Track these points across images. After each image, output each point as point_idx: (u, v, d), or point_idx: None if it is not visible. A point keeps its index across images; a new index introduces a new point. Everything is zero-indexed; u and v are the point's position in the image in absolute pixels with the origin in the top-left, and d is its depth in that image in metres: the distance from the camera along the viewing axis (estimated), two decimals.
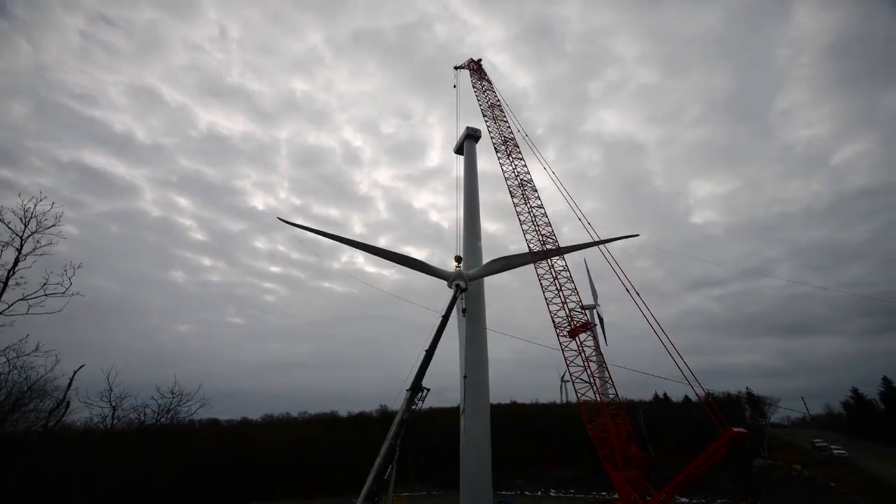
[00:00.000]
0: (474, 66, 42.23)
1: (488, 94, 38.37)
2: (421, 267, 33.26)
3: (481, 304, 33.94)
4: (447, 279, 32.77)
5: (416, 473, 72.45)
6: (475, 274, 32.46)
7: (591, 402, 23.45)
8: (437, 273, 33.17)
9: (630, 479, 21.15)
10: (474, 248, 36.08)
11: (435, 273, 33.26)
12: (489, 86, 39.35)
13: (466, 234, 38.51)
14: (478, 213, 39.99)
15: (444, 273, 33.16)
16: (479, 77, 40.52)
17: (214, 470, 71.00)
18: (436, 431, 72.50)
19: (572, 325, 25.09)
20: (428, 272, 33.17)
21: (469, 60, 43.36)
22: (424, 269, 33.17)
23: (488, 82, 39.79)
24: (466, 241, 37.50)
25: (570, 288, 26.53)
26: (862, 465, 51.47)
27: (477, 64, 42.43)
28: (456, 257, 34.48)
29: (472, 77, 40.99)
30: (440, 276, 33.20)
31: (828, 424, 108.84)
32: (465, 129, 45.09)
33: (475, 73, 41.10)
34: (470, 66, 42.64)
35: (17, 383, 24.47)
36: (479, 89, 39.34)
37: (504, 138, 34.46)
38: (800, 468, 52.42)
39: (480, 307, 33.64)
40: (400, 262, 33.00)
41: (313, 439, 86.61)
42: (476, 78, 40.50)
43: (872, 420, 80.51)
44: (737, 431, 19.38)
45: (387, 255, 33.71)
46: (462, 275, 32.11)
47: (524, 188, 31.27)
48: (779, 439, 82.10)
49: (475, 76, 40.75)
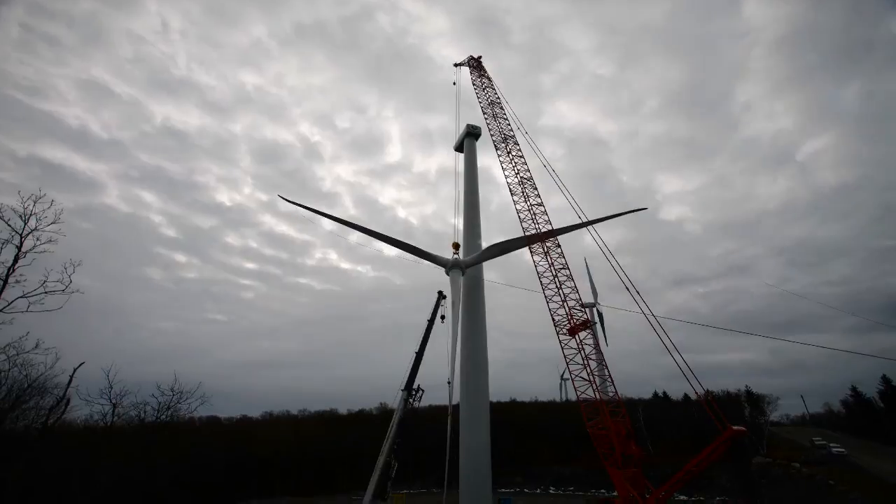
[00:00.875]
0: (474, 63, 42.09)
1: (488, 91, 38.21)
2: (420, 253, 33.27)
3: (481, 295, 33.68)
4: (445, 266, 32.78)
5: (415, 471, 72.59)
6: (472, 260, 32.47)
7: (590, 399, 23.43)
8: (435, 259, 33.17)
9: (629, 477, 21.17)
10: (475, 246, 35.97)
11: (433, 259, 33.27)
12: (489, 83, 39.18)
13: (466, 230, 38.44)
14: (478, 211, 39.92)
15: (442, 259, 33.14)
16: (479, 74, 40.37)
17: (215, 467, 71.15)
18: (435, 429, 72.65)
19: (572, 324, 25.04)
20: (426, 258, 33.17)
21: (469, 57, 43.22)
22: (423, 255, 33.18)
23: (488, 79, 39.62)
24: (466, 237, 37.43)
25: (570, 286, 26.45)
26: (861, 464, 51.58)
27: (477, 61, 42.29)
28: (454, 244, 34.42)
29: (472, 74, 40.84)
30: (438, 262, 33.22)
31: (827, 423, 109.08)
32: (466, 126, 44.96)
33: (475, 70, 40.96)
34: (470, 63, 42.50)
35: (18, 381, 24.50)
36: (478, 86, 39.17)
37: (504, 136, 34.33)
38: (799, 466, 52.49)
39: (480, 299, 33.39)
40: (400, 247, 32.92)
41: (313, 437, 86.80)
42: (476, 75, 40.36)
43: (871, 418, 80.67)
44: (736, 430, 19.38)
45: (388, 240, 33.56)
46: (459, 262, 32.10)
47: (524, 186, 31.16)
48: (778, 437, 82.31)
49: (475, 73, 40.60)
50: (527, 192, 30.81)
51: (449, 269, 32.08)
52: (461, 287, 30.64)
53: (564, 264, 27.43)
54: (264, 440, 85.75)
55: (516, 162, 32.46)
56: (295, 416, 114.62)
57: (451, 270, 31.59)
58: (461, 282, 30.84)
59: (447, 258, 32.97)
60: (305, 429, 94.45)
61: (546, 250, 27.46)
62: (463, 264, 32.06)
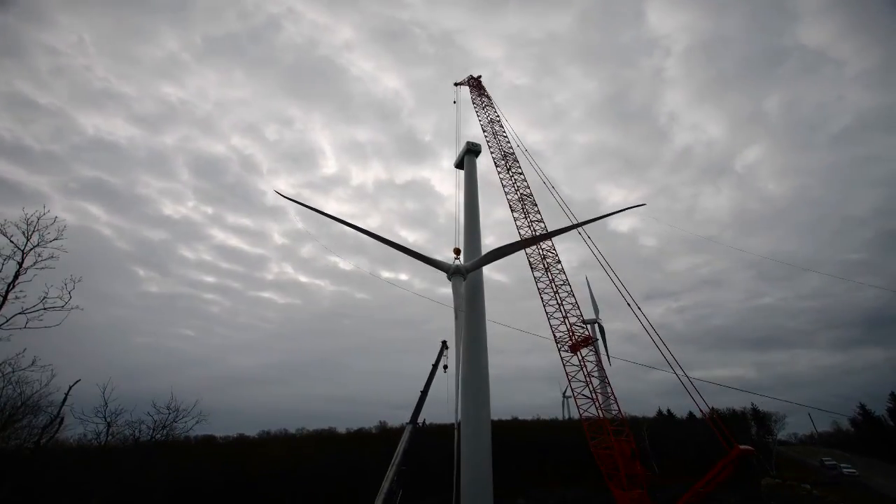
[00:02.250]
0: (474, 82, 42.96)
1: (488, 110, 38.92)
2: (421, 258, 33.28)
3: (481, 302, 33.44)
4: (447, 271, 32.75)
5: (416, 492, 70.80)
6: (473, 265, 32.49)
7: (593, 418, 23.04)
8: (437, 264, 33.12)
9: (635, 499, 20.63)
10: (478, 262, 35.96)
11: (434, 264, 33.23)
12: (489, 101, 39.93)
13: (467, 248, 38.50)
14: (478, 228, 40.06)
15: (444, 265, 33.17)
16: (478, 93, 41.17)
17: (211, 487, 69.50)
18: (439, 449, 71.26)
19: (573, 340, 24.84)
20: (428, 263, 33.17)
21: (469, 77, 44.12)
22: (424, 260, 33.18)
23: (488, 98, 40.39)
24: (467, 255, 37.44)
25: (571, 302, 26.35)
26: (873, 485, 50.26)
27: (477, 81, 43.16)
28: (455, 249, 34.44)
29: (471, 93, 41.63)
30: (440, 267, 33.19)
31: (836, 441, 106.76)
32: (466, 143, 45.59)
33: (475, 90, 41.77)
34: (470, 82, 43.36)
35: (11, 398, 24.13)
36: (478, 105, 39.92)
37: (504, 153, 34.78)
38: (809, 488, 51.14)
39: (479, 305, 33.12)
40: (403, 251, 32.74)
41: (311, 456, 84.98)
42: (476, 94, 41.15)
43: (882, 437, 78.97)
44: (744, 449, 18.99)
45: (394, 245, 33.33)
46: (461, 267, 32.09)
47: (524, 202, 31.40)
48: (786, 457, 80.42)
49: (475, 92, 41.41)
50: (526, 208, 31.04)
51: (451, 274, 32.05)
52: (463, 293, 30.47)
53: (565, 280, 27.40)
54: (260, 459, 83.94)
55: (516, 179, 32.81)
56: (293, 435, 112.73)
57: (453, 276, 31.59)
58: (463, 287, 30.73)
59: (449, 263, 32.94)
60: (304, 448, 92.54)
61: (546, 266, 27.50)
62: (464, 269, 32.05)
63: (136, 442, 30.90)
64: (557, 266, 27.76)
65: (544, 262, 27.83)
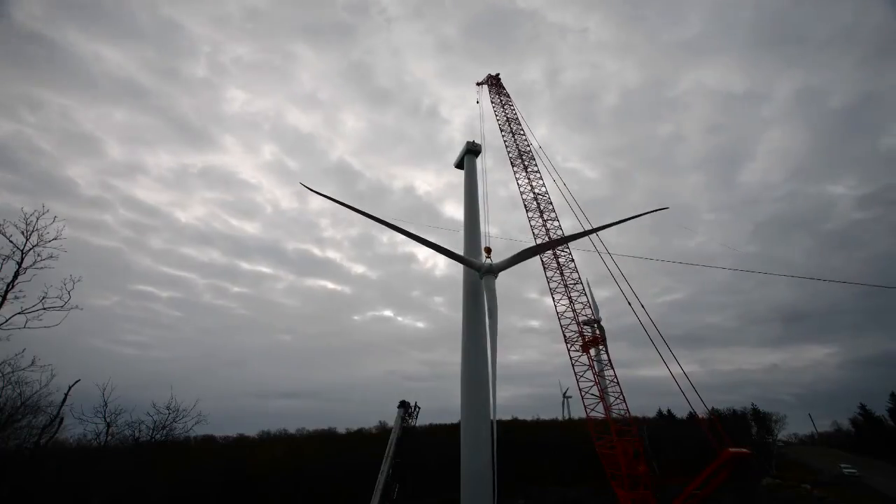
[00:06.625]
0: (493, 80, 42.82)
1: (506, 109, 38.67)
2: (454, 256, 33.18)
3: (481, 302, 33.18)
4: (479, 269, 32.70)
5: (416, 491, 70.65)
6: (503, 264, 32.37)
7: (599, 417, 22.95)
8: (470, 263, 33.00)
9: (638, 499, 20.54)
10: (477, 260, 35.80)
11: (467, 263, 33.13)
12: (508, 100, 39.69)
13: (467, 248, 38.29)
14: (478, 227, 39.87)
15: (477, 264, 33.11)
16: (497, 91, 40.97)
17: (210, 488, 69.33)
18: (437, 448, 71.07)
19: (585, 339, 24.73)
20: (460, 261, 33.05)
21: (488, 76, 43.97)
22: (457, 259, 33.07)
23: (507, 96, 40.14)
24: (467, 255, 37.20)
25: (583, 302, 26.21)
26: (874, 484, 50.18)
27: (496, 79, 42.99)
28: (486, 248, 34.33)
29: (490, 92, 41.39)
30: (472, 266, 33.10)
31: (835, 441, 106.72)
32: (466, 143, 45.46)
33: (493, 88, 41.59)
34: (489, 81, 43.24)
35: (11, 399, 24.01)
36: (497, 103, 39.70)
37: (520, 151, 34.61)
38: (809, 488, 51.08)
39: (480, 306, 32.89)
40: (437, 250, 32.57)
41: (311, 456, 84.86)
42: (495, 93, 40.92)
43: (882, 437, 78.92)
44: (734, 452, 18.75)
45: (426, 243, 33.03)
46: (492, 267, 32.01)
47: (539, 202, 31.25)
48: (787, 457, 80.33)
49: (493, 91, 41.19)
50: (542, 207, 30.80)
51: (483, 273, 31.93)
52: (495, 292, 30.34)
53: (577, 279, 27.27)
54: (260, 460, 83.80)
55: (532, 178, 32.59)
56: (293, 435, 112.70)
57: (485, 275, 31.48)
58: (494, 286, 30.60)
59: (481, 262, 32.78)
60: (304, 448, 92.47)
61: (559, 266, 27.44)
62: (496, 269, 31.92)
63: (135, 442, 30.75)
64: (570, 265, 27.67)
65: (557, 261, 27.72)
